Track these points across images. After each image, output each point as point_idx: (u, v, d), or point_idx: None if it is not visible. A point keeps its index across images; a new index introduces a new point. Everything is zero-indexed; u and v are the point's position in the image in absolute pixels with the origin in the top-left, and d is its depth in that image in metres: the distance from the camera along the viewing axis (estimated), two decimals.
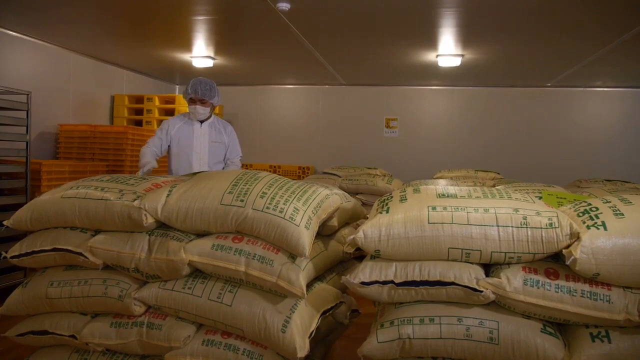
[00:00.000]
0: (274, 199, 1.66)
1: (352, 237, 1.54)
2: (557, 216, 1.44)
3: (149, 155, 3.64)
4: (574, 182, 5.22)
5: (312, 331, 1.65)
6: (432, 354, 1.51)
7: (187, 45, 5.20)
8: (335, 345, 2.30)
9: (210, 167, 3.85)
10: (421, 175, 5.90)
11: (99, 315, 1.90)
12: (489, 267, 1.55)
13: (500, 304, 1.49)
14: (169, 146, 3.80)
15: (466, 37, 4.53)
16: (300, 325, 1.61)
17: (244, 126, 7.56)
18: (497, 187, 1.74)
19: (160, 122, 6.18)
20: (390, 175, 5.73)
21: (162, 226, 1.83)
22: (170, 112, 6.20)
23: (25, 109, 3.91)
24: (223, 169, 3.96)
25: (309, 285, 1.82)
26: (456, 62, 5.08)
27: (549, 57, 5.23)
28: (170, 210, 1.73)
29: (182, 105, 6.13)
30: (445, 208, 1.51)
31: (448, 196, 1.57)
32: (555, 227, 1.41)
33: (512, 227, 1.44)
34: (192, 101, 3.72)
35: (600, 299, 1.39)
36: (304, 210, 1.67)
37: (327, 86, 7.45)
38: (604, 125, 6.91)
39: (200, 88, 3.66)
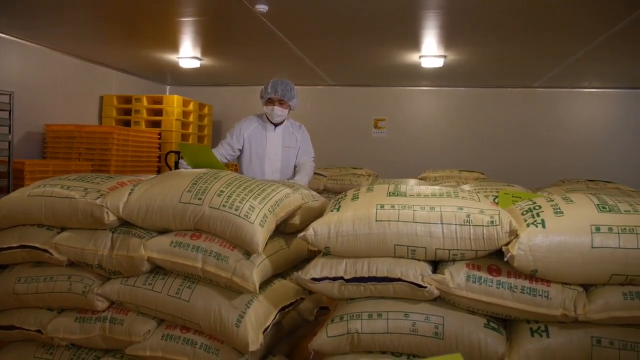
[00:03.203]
0: (230, 197, 1.71)
1: (302, 234, 1.59)
2: (499, 214, 1.48)
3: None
4: (556, 183, 5.25)
5: (268, 326, 1.70)
6: (380, 349, 1.55)
7: (174, 46, 5.24)
8: (302, 342, 2.34)
9: (281, 174, 3.64)
10: (409, 175, 5.93)
11: (65, 311, 1.94)
12: (439, 264, 1.60)
13: (445, 300, 1.53)
14: (240, 150, 3.56)
15: (448, 39, 4.58)
16: (254, 320, 1.65)
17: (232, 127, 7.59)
18: (452, 187, 1.78)
19: (148, 122, 6.22)
20: (375, 175, 5.78)
21: (126, 224, 1.87)
22: (158, 113, 6.25)
23: (7, 109, 3.95)
24: (295, 173, 3.68)
25: (269, 282, 1.87)
26: (439, 63, 5.14)
27: (533, 57, 5.28)
28: (131, 208, 1.78)
29: (170, 105, 6.17)
30: (393, 206, 1.55)
31: (398, 195, 1.61)
32: (496, 225, 1.46)
33: (455, 224, 1.49)
34: (270, 102, 3.49)
35: (539, 295, 1.43)
36: (259, 208, 1.71)
37: (316, 87, 7.49)
38: (591, 126, 6.97)
39: (281, 88, 3.45)
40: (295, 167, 3.73)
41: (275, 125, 3.59)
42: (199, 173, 1.86)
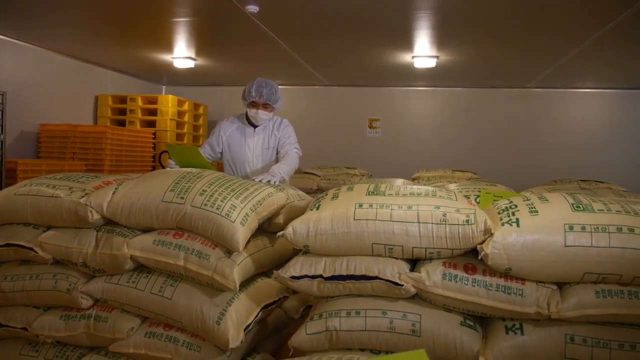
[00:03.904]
0: (212, 196, 1.73)
1: (281, 232, 1.61)
2: (475, 213, 1.50)
3: None
4: (549, 183, 5.29)
5: (250, 324, 1.72)
6: (358, 346, 1.57)
7: (168, 47, 5.26)
8: (288, 341, 2.36)
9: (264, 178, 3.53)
10: (403, 175, 5.93)
11: (51, 309, 1.96)
12: (417, 262, 1.62)
13: (422, 298, 1.55)
14: (220, 152, 3.51)
15: (440, 39, 4.60)
16: (235, 317, 1.67)
17: None
18: (436, 187, 1.80)
19: (143, 122, 6.24)
20: (369, 175, 5.80)
21: (110, 222, 1.89)
22: (153, 113, 6.26)
23: (0, 109, 3.97)
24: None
25: (252, 280, 1.89)
26: (431, 63, 5.16)
27: (526, 57, 5.30)
28: (115, 207, 1.80)
29: (165, 105, 6.19)
30: (371, 205, 1.57)
31: (377, 194, 1.63)
32: (471, 224, 1.48)
33: (432, 223, 1.51)
34: (253, 105, 3.33)
35: (514, 293, 1.45)
36: (241, 207, 1.73)
37: (311, 87, 7.51)
38: (585, 126, 7.00)
39: (266, 91, 3.28)
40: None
41: (255, 126, 3.47)
42: (183, 172, 1.88)
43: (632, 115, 6.97)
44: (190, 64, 5.75)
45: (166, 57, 5.69)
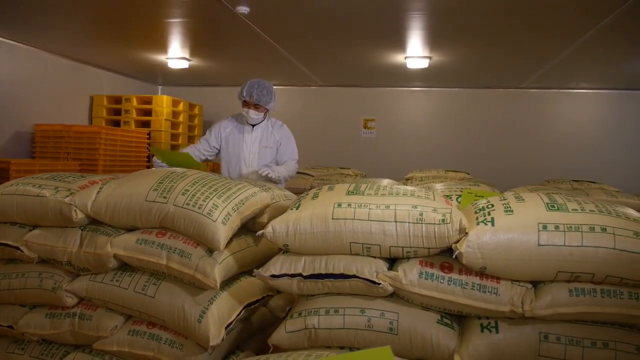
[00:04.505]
0: (194, 195, 1.75)
1: (261, 232, 1.63)
2: (451, 212, 1.52)
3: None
4: (542, 183, 5.31)
5: (231, 322, 1.73)
6: (337, 344, 1.59)
7: (162, 47, 5.28)
8: None
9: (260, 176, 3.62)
10: (397, 175, 5.97)
11: (37, 307, 1.98)
12: (396, 261, 1.63)
13: (400, 297, 1.57)
14: (216, 148, 3.62)
15: (433, 40, 4.62)
16: (217, 316, 1.69)
17: None
18: (421, 187, 1.82)
19: (138, 122, 6.26)
20: (363, 175, 5.81)
21: (95, 222, 1.91)
22: (148, 113, 6.28)
23: None
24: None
25: (235, 279, 1.91)
26: (424, 64, 5.18)
27: (518, 58, 5.31)
28: (99, 206, 1.82)
29: (159, 106, 6.21)
30: (349, 205, 1.59)
31: (357, 194, 1.65)
32: (447, 223, 1.50)
33: (409, 223, 1.52)
34: (246, 104, 3.48)
35: (489, 292, 1.47)
36: (223, 206, 1.75)
37: (307, 87, 7.53)
38: (579, 127, 7.02)
39: (256, 92, 3.39)
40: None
41: (253, 125, 3.60)
42: (167, 172, 1.90)
43: (626, 116, 6.99)
44: (185, 64, 5.77)
45: (161, 57, 5.71)
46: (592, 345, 1.42)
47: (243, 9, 3.61)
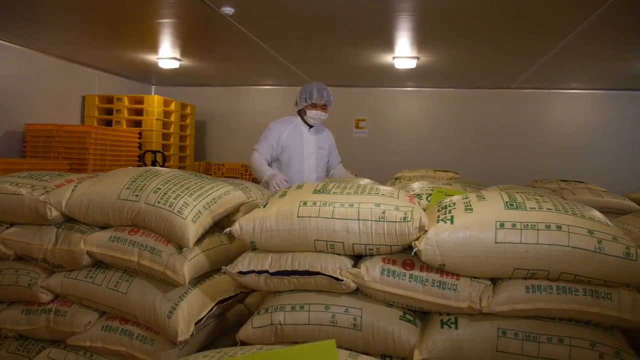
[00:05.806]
0: (166, 194, 1.78)
1: (228, 229, 1.66)
2: (412, 211, 1.55)
3: (267, 167, 3.50)
4: (530, 183, 5.34)
5: (202, 318, 1.77)
6: (302, 339, 1.62)
7: (153, 47, 5.31)
8: None
9: (317, 176, 3.73)
10: (388, 174, 6.02)
11: (15, 303, 2.01)
12: (360, 258, 1.67)
13: (363, 293, 1.61)
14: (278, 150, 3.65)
15: (420, 41, 4.66)
16: (187, 312, 1.72)
17: (217, 126, 7.68)
18: (381, 186, 1.85)
19: (130, 122, 6.29)
20: (354, 175, 5.83)
21: (71, 220, 1.95)
22: (139, 113, 6.31)
23: None
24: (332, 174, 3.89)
25: (208, 275, 1.94)
26: (412, 64, 5.21)
27: (507, 57, 5.34)
28: (73, 204, 1.85)
29: (150, 105, 6.24)
30: (315, 203, 1.62)
31: (323, 192, 1.68)
32: (407, 221, 1.53)
33: (371, 220, 1.56)
34: (314, 106, 3.60)
35: (448, 288, 1.50)
36: (194, 204, 1.78)
37: (299, 87, 7.52)
38: (570, 127, 7.07)
39: (326, 93, 3.59)
40: (328, 170, 3.89)
41: (310, 126, 3.71)
42: (141, 171, 1.93)
43: (616, 117, 7.04)
44: (175, 64, 5.80)
45: (152, 57, 5.74)
46: (548, 340, 1.45)
47: (228, 10, 3.65)
